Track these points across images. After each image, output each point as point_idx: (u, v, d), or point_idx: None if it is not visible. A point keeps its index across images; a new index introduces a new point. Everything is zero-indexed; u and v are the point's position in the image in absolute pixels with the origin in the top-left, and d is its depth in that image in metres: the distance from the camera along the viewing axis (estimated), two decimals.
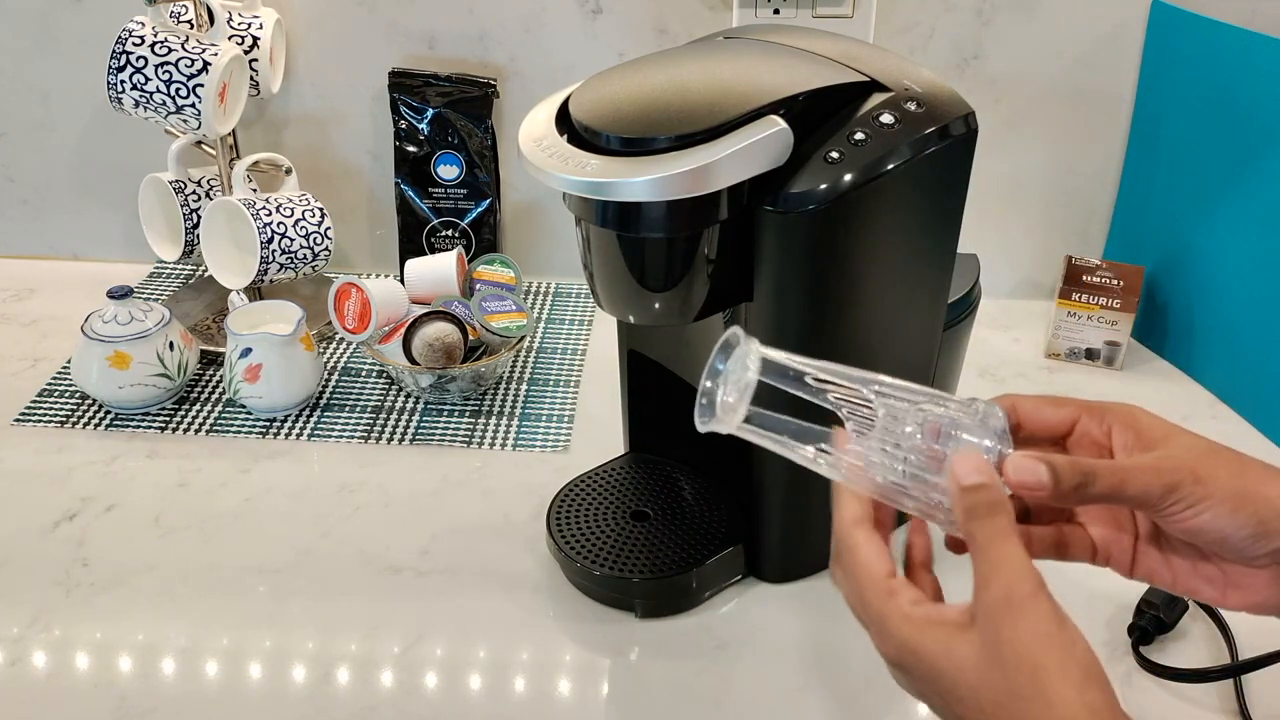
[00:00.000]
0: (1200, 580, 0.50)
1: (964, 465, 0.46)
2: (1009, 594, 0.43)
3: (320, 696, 0.70)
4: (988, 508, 0.45)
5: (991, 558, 0.44)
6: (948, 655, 0.44)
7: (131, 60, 0.98)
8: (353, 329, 0.99)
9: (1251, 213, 0.95)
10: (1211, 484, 0.46)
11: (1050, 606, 0.43)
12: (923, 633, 0.44)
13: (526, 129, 0.66)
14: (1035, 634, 0.42)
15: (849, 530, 0.48)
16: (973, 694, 0.43)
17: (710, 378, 0.50)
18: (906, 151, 0.64)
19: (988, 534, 0.44)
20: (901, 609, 0.45)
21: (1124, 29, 1.06)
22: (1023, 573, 0.43)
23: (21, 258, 1.26)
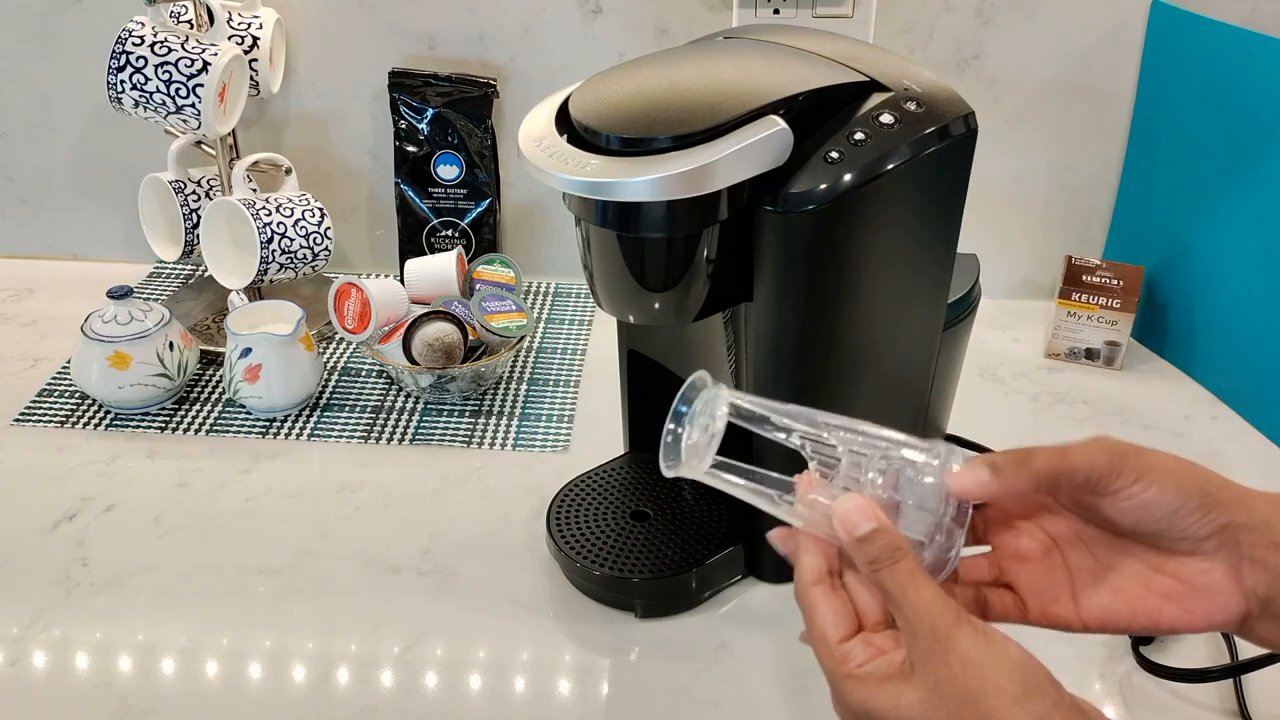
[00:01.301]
0: (1158, 599, 0.48)
1: (851, 514, 0.47)
2: (933, 635, 0.43)
3: (320, 696, 0.70)
4: (888, 554, 0.45)
5: (908, 605, 0.44)
6: (897, 708, 0.44)
7: (131, 60, 0.98)
8: (353, 329, 0.99)
9: (1251, 213, 0.95)
10: (1152, 458, 0.46)
11: (971, 632, 0.43)
12: (873, 693, 0.45)
13: (526, 129, 0.66)
14: (965, 664, 0.43)
15: (805, 590, 0.48)
16: None
17: (674, 421, 0.50)
18: (906, 151, 0.64)
19: (897, 583, 0.45)
20: (851, 673, 0.46)
21: (1124, 29, 1.06)
22: (940, 610, 0.44)
23: (21, 257, 1.26)
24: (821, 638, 0.47)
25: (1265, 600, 0.46)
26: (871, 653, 0.46)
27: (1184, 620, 0.48)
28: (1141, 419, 1.00)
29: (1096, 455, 0.46)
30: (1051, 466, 0.47)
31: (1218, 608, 0.47)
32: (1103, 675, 0.73)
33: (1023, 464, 0.47)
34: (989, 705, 0.42)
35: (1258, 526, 0.46)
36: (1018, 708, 0.42)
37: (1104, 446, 0.46)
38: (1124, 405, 1.02)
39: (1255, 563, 0.46)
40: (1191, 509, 0.46)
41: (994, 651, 0.43)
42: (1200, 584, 0.47)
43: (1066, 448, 0.47)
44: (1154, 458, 0.46)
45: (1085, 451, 0.46)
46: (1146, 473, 0.46)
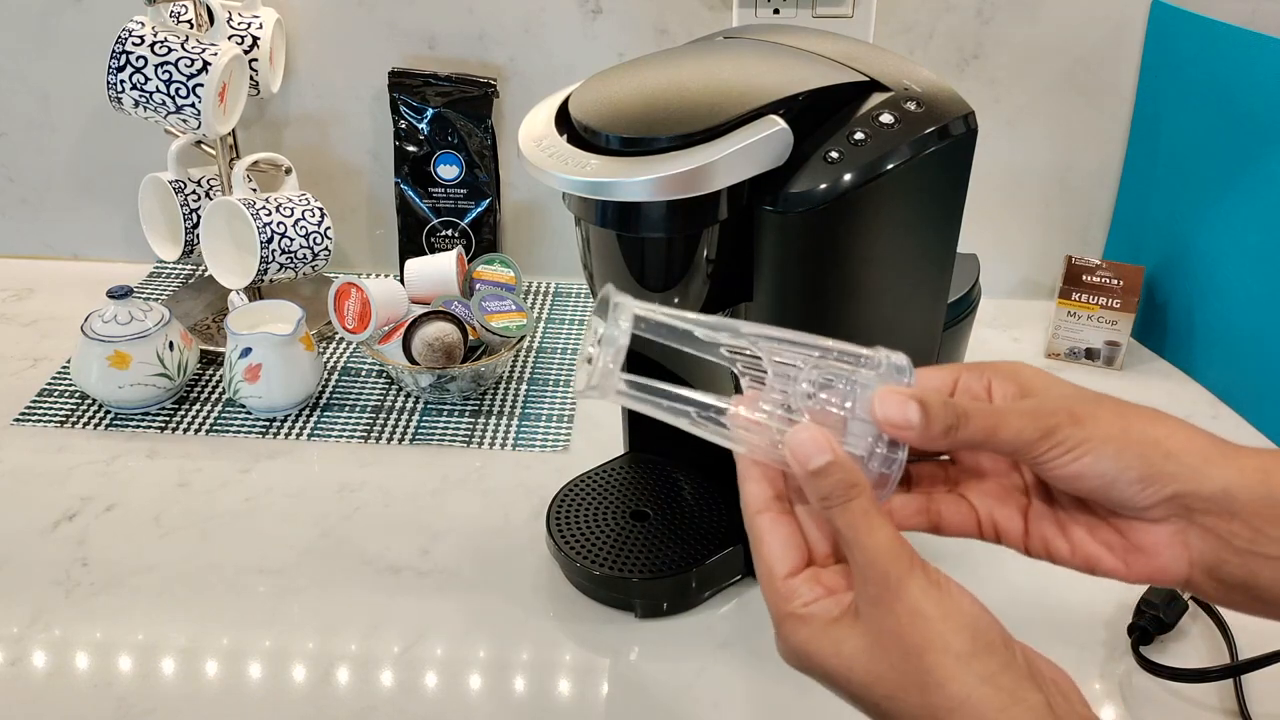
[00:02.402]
0: (1099, 547, 0.46)
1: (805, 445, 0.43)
2: (884, 581, 0.41)
3: (320, 696, 0.70)
4: (843, 490, 0.42)
5: (859, 548, 0.42)
6: (838, 655, 0.42)
7: (131, 60, 0.98)
8: (353, 329, 0.99)
9: (1251, 213, 0.95)
10: (1091, 425, 0.44)
11: (924, 582, 0.41)
12: (815, 636, 0.43)
13: (526, 129, 0.66)
14: (913, 615, 0.40)
15: (751, 519, 0.45)
16: (866, 691, 0.42)
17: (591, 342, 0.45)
18: (906, 151, 0.64)
19: (849, 521, 0.42)
20: (795, 611, 0.43)
21: (1124, 29, 1.06)
22: (893, 555, 0.41)
23: (21, 257, 1.26)
24: (767, 571, 0.44)
25: (1212, 566, 0.44)
26: (819, 592, 0.43)
27: (1121, 571, 0.46)
28: None
29: (1026, 430, 0.44)
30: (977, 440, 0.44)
31: (1158, 566, 0.45)
32: (1103, 675, 0.73)
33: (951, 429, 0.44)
34: (932, 660, 0.40)
35: (1214, 496, 0.43)
36: (962, 666, 0.40)
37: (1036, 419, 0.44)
38: None
39: (1205, 530, 0.44)
40: (1129, 480, 0.43)
41: (945, 604, 0.41)
42: (1143, 544, 0.45)
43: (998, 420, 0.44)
44: (1094, 425, 0.44)
45: (1013, 426, 0.44)
46: (1079, 444, 0.43)
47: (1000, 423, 0.44)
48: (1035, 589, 0.75)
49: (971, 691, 0.39)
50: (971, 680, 0.39)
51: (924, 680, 0.40)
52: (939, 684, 0.39)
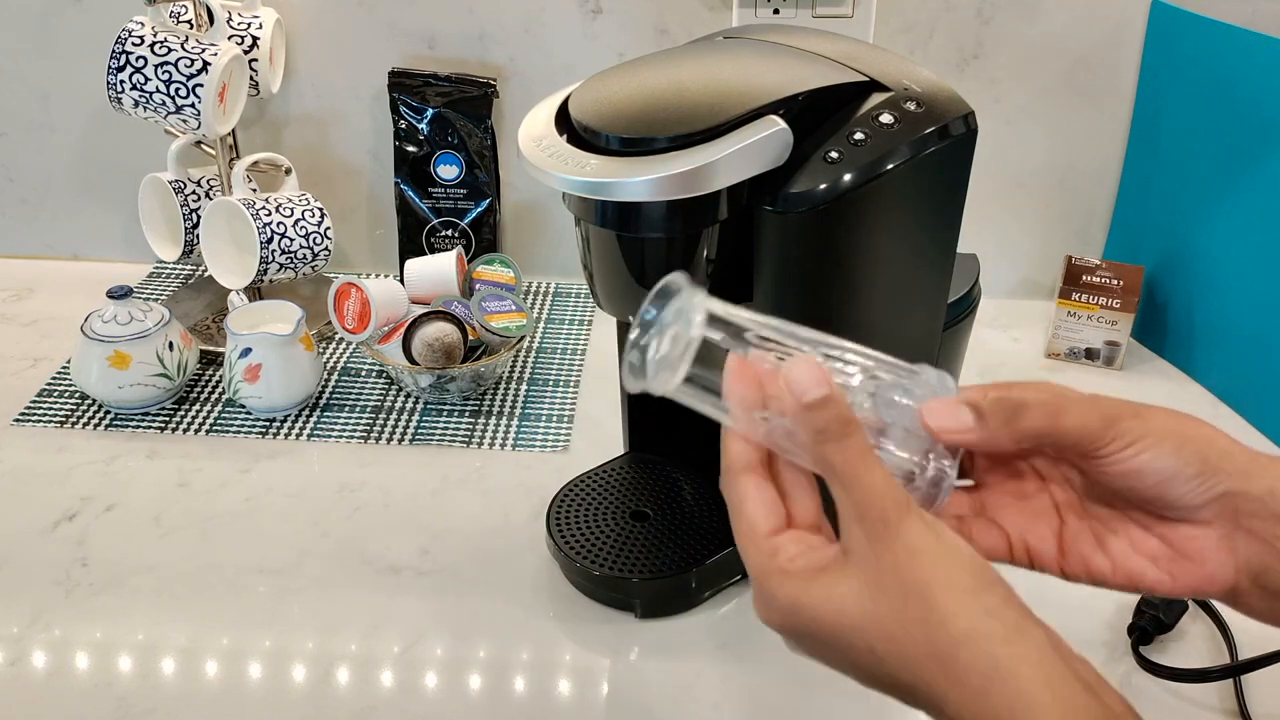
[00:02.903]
0: (1142, 560, 0.45)
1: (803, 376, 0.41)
2: (883, 519, 0.40)
3: (320, 696, 0.70)
4: (839, 426, 0.41)
5: (856, 486, 0.40)
6: (829, 600, 0.41)
7: (131, 60, 0.98)
8: (352, 329, 0.99)
9: (1251, 212, 0.95)
10: (1150, 419, 0.44)
11: (922, 522, 0.40)
12: (805, 588, 0.41)
13: (526, 129, 0.66)
14: (913, 552, 0.39)
15: (735, 478, 0.44)
16: (860, 635, 0.40)
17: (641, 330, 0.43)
18: (906, 151, 0.64)
19: (846, 459, 0.41)
20: (781, 567, 0.42)
21: (1124, 29, 1.06)
22: (891, 495, 0.40)
23: (21, 257, 1.26)
24: (750, 529, 0.43)
25: (1258, 573, 0.44)
26: (803, 547, 0.42)
27: (1165, 584, 0.45)
28: None
29: (1090, 418, 0.43)
30: (1041, 428, 0.44)
31: (1204, 577, 0.45)
32: (1103, 675, 0.72)
33: (1011, 420, 0.44)
34: (937, 597, 0.39)
35: (1260, 496, 0.43)
36: (967, 600, 0.39)
37: (1098, 410, 0.44)
38: None
39: (1252, 534, 0.44)
40: (1187, 476, 0.43)
41: (944, 543, 0.40)
42: (1189, 550, 0.45)
43: (1061, 405, 0.44)
44: (1152, 420, 0.44)
45: (1079, 414, 0.44)
46: (1141, 437, 0.43)
47: (1064, 409, 0.44)
48: (1035, 589, 0.75)
49: (977, 624, 0.38)
50: (977, 613, 0.39)
51: (927, 617, 0.39)
52: (942, 620, 0.39)
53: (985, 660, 0.38)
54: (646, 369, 0.43)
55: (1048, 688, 0.38)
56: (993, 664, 0.38)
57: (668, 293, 0.44)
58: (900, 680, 0.40)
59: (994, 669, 0.38)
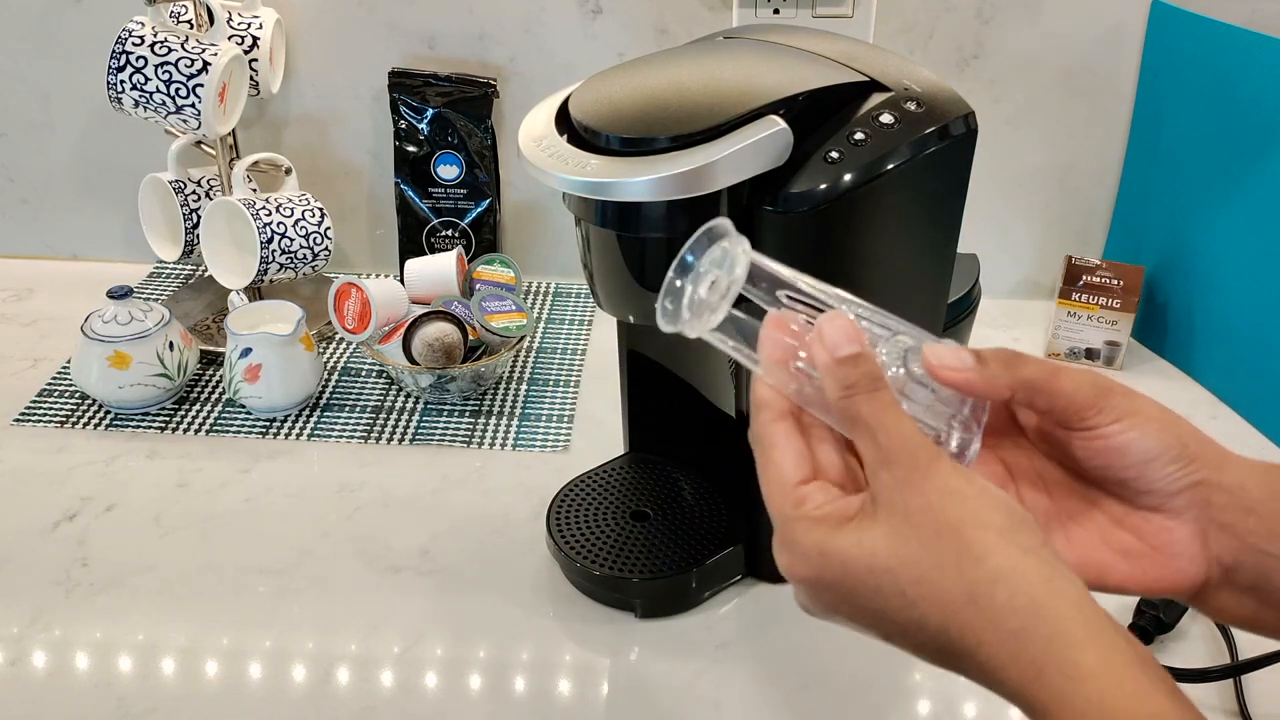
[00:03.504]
0: (1112, 553, 0.45)
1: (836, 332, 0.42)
2: (913, 463, 0.39)
3: (320, 696, 0.70)
4: (869, 381, 0.41)
5: (884, 432, 0.40)
6: (859, 544, 0.40)
7: (131, 60, 0.98)
8: (353, 329, 0.99)
9: (1251, 212, 0.95)
10: (1137, 400, 0.44)
11: (953, 465, 0.40)
12: (832, 534, 0.40)
13: (526, 129, 0.66)
14: (945, 492, 0.39)
15: (766, 426, 0.43)
16: (891, 578, 0.39)
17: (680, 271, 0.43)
18: (906, 151, 0.64)
19: (874, 409, 0.40)
20: (808, 514, 0.41)
21: (1124, 29, 1.06)
22: (922, 443, 0.40)
23: (21, 257, 1.26)
24: (778, 476, 0.42)
25: (1229, 568, 0.44)
26: (830, 496, 0.42)
27: (1134, 580, 0.45)
28: None
29: (1084, 385, 0.44)
30: (1039, 379, 0.44)
31: (1174, 571, 0.44)
32: None
33: (1011, 365, 0.43)
34: (971, 535, 0.38)
35: (1232, 489, 0.44)
36: (1004, 539, 0.38)
37: (1092, 380, 0.44)
38: None
39: (1224, 527, 0.44)
40: (1168, 460, 0.44)
41: (977, 485, 0.39)
42: (1160, 543, 0.45)
43: (1059, 367, 0.44)
44: (1139, 401, 0.44)
45: (1074, 378, 0.44)
46: (1128, 414, 0.43)
47: (1062, 370, 0.44)
48: None
49: (1016, 563, 0.38)
50: (1015, 552, 0.38)
51: (961, 555, 0.38)
52: (979, 558, 0.38)
53: (1023, 598, 0.37)
54: (682, 311, 0.44)
55: (1086, 627, 0.37)
56: (1030, 601, 0.37)
57: (711, 238, 0.44)
58: (930, 625, 0.39)
59: (1032, 606, 0.37)
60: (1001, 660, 0.37)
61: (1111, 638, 0.37)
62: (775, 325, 0.44)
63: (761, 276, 0.45)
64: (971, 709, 0.70)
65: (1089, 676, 0.36)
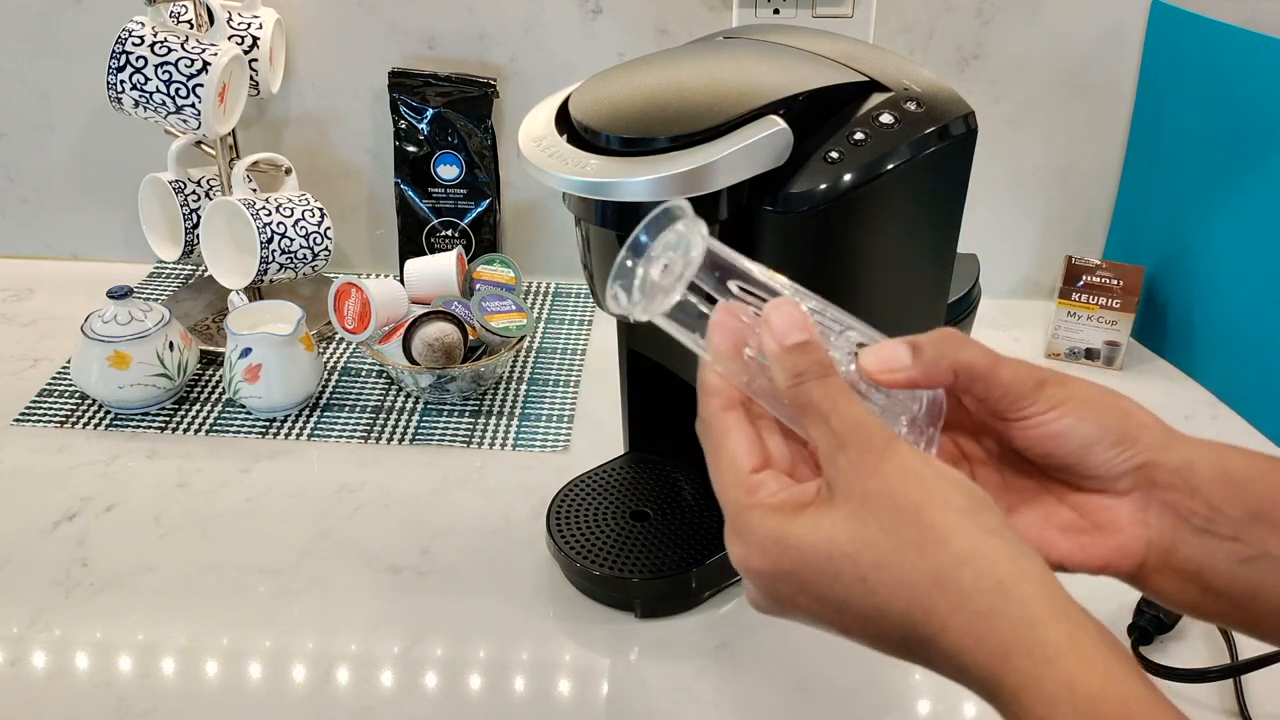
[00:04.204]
0: (1054, 531, 0.44)
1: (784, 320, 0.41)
2: (868, 445, 0.39)
3: (320, 696, 0.70)
4: (819, 367, 0.40)
5: (838, 417, 0.39)
6: (816, 530, 0.39)
7: (131, 60, 0.98)
8: (353, 329, 0.99)
9: (1251, 212, 0.95)
10: (1073, 387, 0.44)
11: (909, 446, 0.39)
12: (788, 521, 0.39)
13: (526, 129, 0.66)
14: (903, 474, 0.38)
15: (716, 415, 0.43)
16: (851, 564, 0.38)
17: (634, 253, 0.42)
18: (906, 151, 0.64)
19: (826, 393, 0.40)
20: (762, 501, 0.40)
21: (1124, 29, 1.06)
22: (875, 424, 0.39)
23: (21, 258, 1.26)
24: (731, 464, 0.42)
25: (1167, 549, 0.43)
26: (784, 484, 0.41)
27: (1076, 557, 0.44)
28: None
29: (1022, 375, 0.43)
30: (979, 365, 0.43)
31: (1115, 548, 0.44)
32: None
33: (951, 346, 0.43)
34: (933, 517, 0.37)
35: (1176, 468, 0.43)
36: (966, 520, 0.37)
37: (1030, 371, 0.43)
38: None
39: (1166, 507, 0.43)
40: (1106, 445, 0.43)
41: (935, 466, 0.39)
42: (1102, 521, 0.44)
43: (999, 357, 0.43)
44: (1075, 387, 0.44)
45: (1013, 368, 0.43)
46: (1063, 402, 0.43)
47: (1002, 360, 0.43)
48: None
49: (980, 544, 0.37)
50: (979, 533, 0.37)
51: (923, 537, 0.37)
52: (941, 539, 0.37)
53: (989, 579, 0.36)
54: (633, 294, 0.43)
55: (1053, 607, 0.36)
56: (996, 582, 0.36)
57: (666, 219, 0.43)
58: (892, 611, 0.38)
59: (998, 587, 0.36)
60: (968, 644, 0.36)
61: (1079, 618, 0.36)
62: (726, 313, 0.43)
63: (717, 263, 0.43)
64: (971, 709, 0.70)
65: (1057, 657, 0.35)
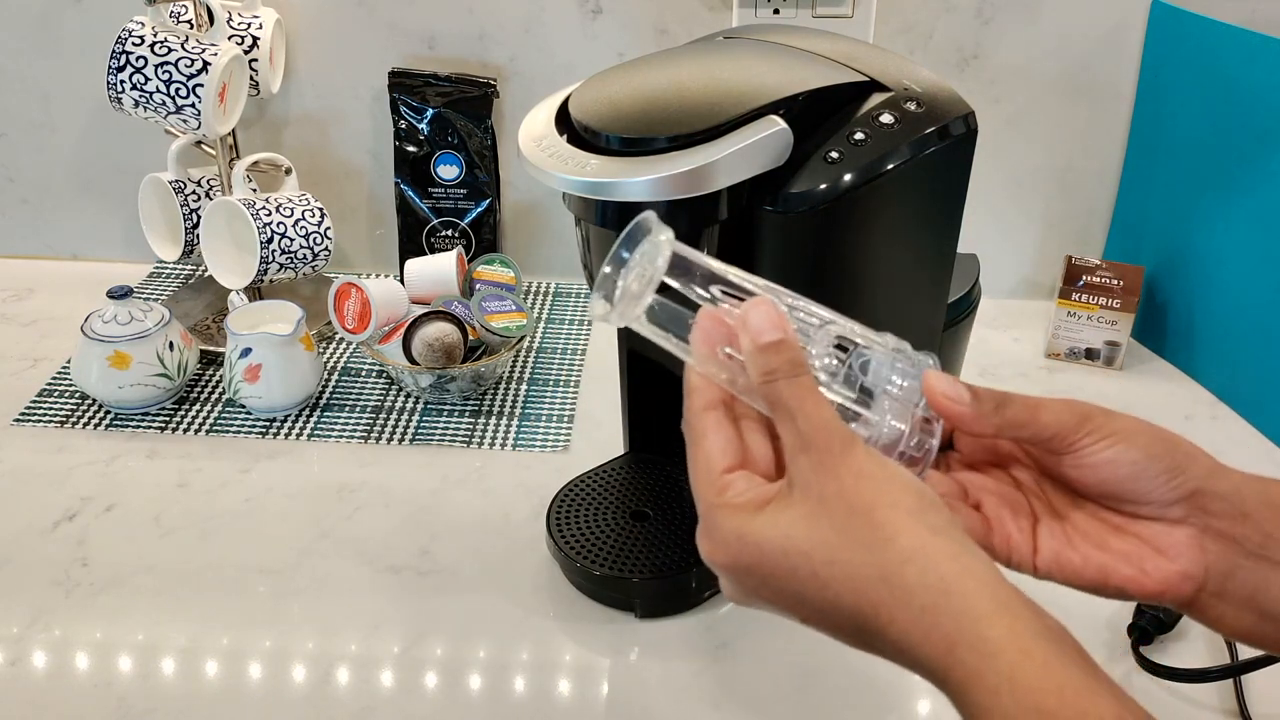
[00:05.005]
0: (1113, 558, 0.46)
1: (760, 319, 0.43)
2: (828, 447, 0.41)
3: (320, 696, 0.70)
4: (790, 366, 0.42)
5: (803, 416, 0.41)
6: (774, 527, 0.41)
7: (131, 60, 0.98)
8: (353, 329, 0.99)
9: (1251, 213, 0.95)
10: (1119, 420, 0.45)
11: (866, 450, 0.41)
12: (749, 519, 0.41)
13: (526, 129, 0.66)
14: (858, 476, 0.40)
15: (697, 415, 0.44)
16: (804, 559, 0.40)
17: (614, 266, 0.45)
18: (906, 151, 0.64)
19: (795, 393, 0.42)
20: (727, 501, 0.42)
21: (1124, 29, 1.06)
22: (836, 426, 0.41)
23: (21, 258, 1.26)
24: (705, 464, 0.43)
25: (1225, 575, 0.45)
26: (755, 483, 0.43)
27: (1138, 581, 0.45)
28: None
29: (1064, 414, 0.45)
30: (1023, 419, 0.45)
31: (1175, 572, 0.45)
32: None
33: (999, 408, 0.45)
34: (882, 516, 0.39)
35: (1228, 495, 0.45)
36: (913, 519, 0.39)
37: (1070, 407, 0.45)
38: (1124, 405, 1.00)
39: (1220, 533, 0.45)
40: (1157, 471, 0.45)
41: (889, 468, 0.41)
42: (1162, 546, 0.46)
43: (1038, 402, 0.45)
44: (1120, 420, 0.45)
45: (1053, 409, 0.45)
46: (1110, 433, 0.45)
47: (1041, 406, 0.45)
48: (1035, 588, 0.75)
49: (925, 542, 0.39)
50: (924, 531, 0.39)
51: (872, 536, 0.39)
52: (889, 539, 0.39)
53: (932, 576, 0.38)
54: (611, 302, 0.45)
55: (994, 601, 0.38)
56: (939, 579, 0.38)
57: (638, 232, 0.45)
58: (844, 605, 0.40)
59: (941, 584, 0.38)
60: (915, 639, 0.38)
61: (1019, 610, 0.38)
62: (707, 316, 0.45)
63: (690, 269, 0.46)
64: None
65: (999, 651, 0.37)
